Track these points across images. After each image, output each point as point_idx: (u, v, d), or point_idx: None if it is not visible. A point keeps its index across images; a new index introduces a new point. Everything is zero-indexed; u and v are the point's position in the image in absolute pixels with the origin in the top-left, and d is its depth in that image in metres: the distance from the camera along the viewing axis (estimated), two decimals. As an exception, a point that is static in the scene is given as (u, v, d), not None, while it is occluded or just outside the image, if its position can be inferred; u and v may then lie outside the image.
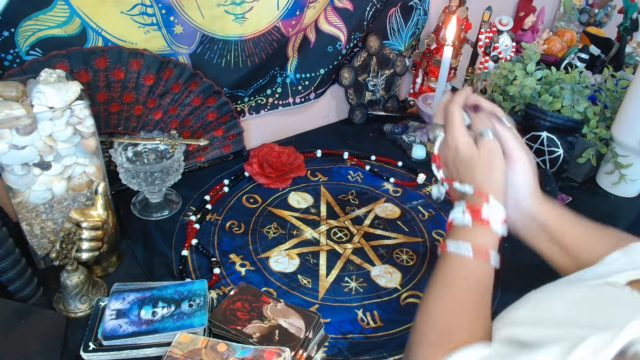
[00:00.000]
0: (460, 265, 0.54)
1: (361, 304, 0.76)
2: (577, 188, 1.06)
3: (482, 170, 0.58)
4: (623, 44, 1.30)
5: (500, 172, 0.59)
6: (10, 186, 0.69)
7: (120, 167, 0.82)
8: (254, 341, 0.64)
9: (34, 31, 0.73)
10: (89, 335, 0.65)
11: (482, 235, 0.56)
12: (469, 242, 0.55)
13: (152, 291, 0.69)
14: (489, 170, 0.58)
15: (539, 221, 0.61)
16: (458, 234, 0.57)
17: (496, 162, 0.58)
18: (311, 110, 1.20)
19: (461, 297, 0.52)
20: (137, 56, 0.81)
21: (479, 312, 0.51)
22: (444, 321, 0.51)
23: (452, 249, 0.55)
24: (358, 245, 0.87)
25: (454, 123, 0.61)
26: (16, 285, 0.68)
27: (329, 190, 1.00)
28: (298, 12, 0.96)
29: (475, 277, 0.54)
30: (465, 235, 0.56)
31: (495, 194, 0.57)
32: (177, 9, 0.83)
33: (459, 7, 1.18)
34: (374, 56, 1.18)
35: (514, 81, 1.08)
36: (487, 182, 0.58)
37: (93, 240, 0.70)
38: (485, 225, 0.56)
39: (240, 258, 0.82)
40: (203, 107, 0.95)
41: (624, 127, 0.97)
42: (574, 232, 0.61)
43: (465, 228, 0.57)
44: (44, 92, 0.65)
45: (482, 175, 0.58)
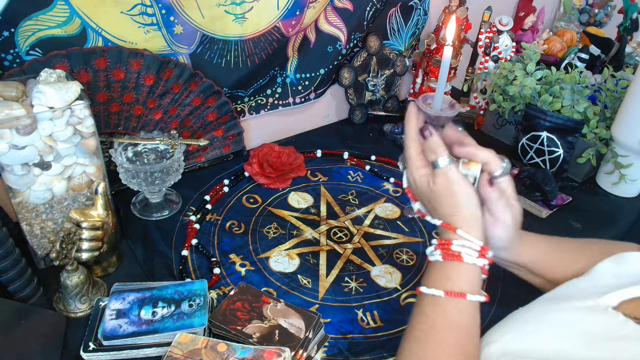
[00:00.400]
0: (435, 306, 0.51)
1: (361, 304, 0.76)
2: (577, 188, 1.06)
3: (443, 202, 0.55)
4: (623, 44, 1.30)
5: (465, 200, 0.54)
6: (10, 186, 0.69)
7: (120, 167, 0.82)
8: (254, 341, 0.64)
9: (34, 31, 0.73)
10: (89, 335, 0.65)
11: (456, 271, 0.52)
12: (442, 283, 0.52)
13: (152, 291, 0.69)
14: (450, 201, 0.54)
15: (519, 264, 0.61)
16: (432, 273, 0.54)
17: (457, 190, 0.54)
18: (311, 110, 1.20)
19: (438, 339, 0.49)
20: (137, 56, 0.82)
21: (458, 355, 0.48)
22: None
23: (425, 290, 0.52)
24: (358, 245, 0.87)
25: (409, 156, 0.58)
26: (16, 285, 0.68)
27: (329, 190, 1.00)
28: (298, 12, 0.96)
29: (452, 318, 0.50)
30: (438, 274, 0.53)
31: (464, 224, 0.53)
32: (177, 9, 0.83)
33: (459, 7, 1.18)
34: (374, 56, 1.18)
35: (514, 81, 1.08)
36: (452, 213, 0.54)
37: (93, 240, 0.70)
38: (457, 260, 0.52)
39: (240, 258, 0.82)
40: (203, 107, 0.95)
41: (624, 127, 0.97)
42: (555, 264, 0.60)
43: (438, 266, 0.53)
44: (44, 92, 0.65)
45: (445, 207, 0.55)
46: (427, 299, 0.52)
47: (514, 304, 0.54)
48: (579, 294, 0.50)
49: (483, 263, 0.53)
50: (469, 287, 0.51)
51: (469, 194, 0.54)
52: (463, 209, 0.54)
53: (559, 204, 0.98)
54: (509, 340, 0.47)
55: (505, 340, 0.48)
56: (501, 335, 0.49)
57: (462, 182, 0.54)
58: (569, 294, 0.51)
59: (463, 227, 0.53)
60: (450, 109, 1.24)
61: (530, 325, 0.48)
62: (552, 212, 0.96)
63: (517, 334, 0.48)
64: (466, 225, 0.53)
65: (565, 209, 0.99)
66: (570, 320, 0.46)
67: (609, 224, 0.97)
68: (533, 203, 0.97)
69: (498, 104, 1.13)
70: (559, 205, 0.98)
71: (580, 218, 0.97)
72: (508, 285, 0.79)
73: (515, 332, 0.48)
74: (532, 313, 0.50)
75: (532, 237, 0.62)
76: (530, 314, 0.50)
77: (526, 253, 0.60)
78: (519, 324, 0.49)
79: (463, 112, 1.29)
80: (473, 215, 0.54)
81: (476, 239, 0.53)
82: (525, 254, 0.60)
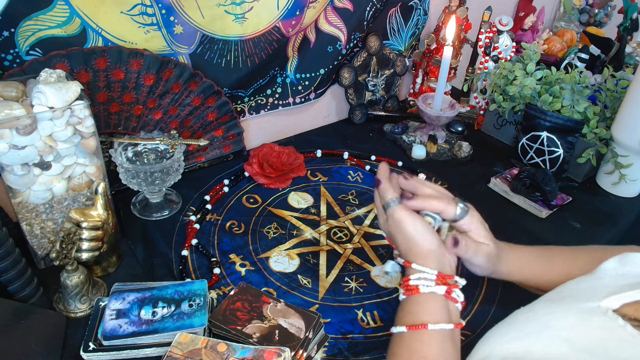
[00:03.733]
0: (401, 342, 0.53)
1: (361, 304, 0.76)
2: (577, 188, 1.06)
3: (399, 240, 0.59)
4: (623, 44, 1.30)
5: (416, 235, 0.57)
6: (10, 186, 0.69)
7: (120, 167, 0.82)
8: (254, 341, 0.64)
9: (34, 31, 0.73)
10: (89, 335, 0.65)
11: (416, 304, 0.54)
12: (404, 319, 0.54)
13: (152, 291, 0.69)
14: (403, 238, 0.58)
15: (506, 280, 0.63)
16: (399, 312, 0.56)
17: (405, 228, 0.58)
18: (311, 110, 1.20)
19: None
20: (137, 56, 0.82)
21: None
22: None
23: (393, 329, 0.55)
24: (358, 245, 0.87)
25: (376, 206, 0.64)
26: (16, 285, 0.68)
27: (329, 190, 1.00)
28: (298, 12, 0.96)
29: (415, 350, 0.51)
30: (403, 312, 0.55)
31: (417, 258, 0.56)
32: (177, 9, 0.83)
33: (459, 7, 1.18)
34: (374, 56, 1.18)
35: (514, 81, 1.08)
36: (407, 250, 0.58)
37: (93, 240, 0.70)
38: (416, 292, 0.55)
39: (240, 258, 0.82)
40: (203, 107, 0.95)
41: (624, 127, 0.97)
42: (548, 277, 0.61)
43: (403, 303, 0.56)
44: (44, 92, 0.65)
45: (401, 245, 0.59)
46: (395, 338, 0.54)
47: (514, 304, 0.54)
48: (581, 294, 0.50)
49: (443, 290, 0.55)
50: (430, 317, 0.53)
51: (417, 229, 0.57)
52: (414, 244, 0.57)
53: (559, 204, 0.98)
54: (509, 340, 0.47)
55: (505, 340, 0.48)
56: (501, 336, 0.49)
57: (408, 219, 0.58)
58: (571, 295, 0.51)
59: (417, 260, 0.56)
60: (450, 109, 1.24)
61: (530, 326, 0.48)
62: (552, 212, 0.96)
63: (517, 335, 0.48)
64: (420, 258, 0.56)
65: (565, 209, 0.99)
66: (569, 323, 0.46)
67: (609, 224, 0.97)
68: (533, 203, 0.97)
69: (498, 104, 1.13)
70: (559, 205, 0.98)
71: (580, 218, 0.97)
72: (508, 285, 0.79)
73: (515, 333, 0.48)
74: (533, 314, 0.50)
75: (519, 253, 0.63)
76: (530, 314, 0.50)
77: (516, 272, 0.62)
78: (518, 325, 0.49)
79: (463, 112, 1.29)
80: (427, 249, 0.57)
81: (430, 270, 0.55)
82: (515, 273, 0.62)
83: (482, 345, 0.49)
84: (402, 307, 0.56)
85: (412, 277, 0.56)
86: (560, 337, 0.44)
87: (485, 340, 0.49)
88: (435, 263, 0.56)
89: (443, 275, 0.55)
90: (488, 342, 0.48)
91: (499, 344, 0.47)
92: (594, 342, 0.43)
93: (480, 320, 0.74)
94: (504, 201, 1.01)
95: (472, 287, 0.80)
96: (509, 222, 0.95)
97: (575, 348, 0.42)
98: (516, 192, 0.99)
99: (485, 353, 0.47)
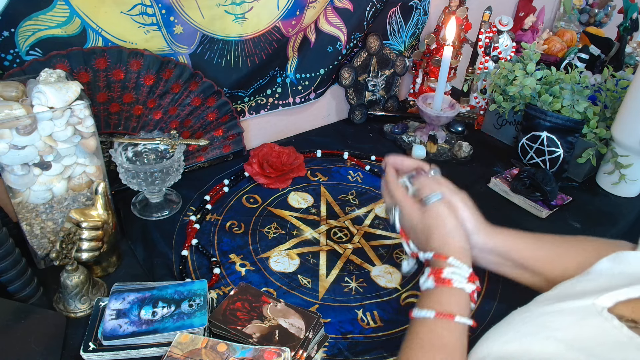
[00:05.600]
0: (425, 327, 0.54)
1: (361, 304, 0.76)
2: (577, 188, 1.06)
3: (434, 234, 0.60)
4: (623, 44, 1.30)
5: (454, 231, 0.60)
6: (10, 186, 0.69)
7: (120, 167, 0.82)
8: (254, 341, 0.64)
9: (34, 31, 0.73)
10: (89, 335, 0.65)
11: (446, 295, 0.56)
12: (432, 306, 0.55)
13: (152, 291, 0.69)
14: (441, 232, 0.60)
15: (497, 252, 0.64)
16: (424, 299, 0.57)
17: (447, 223, 0.61)
18: (311, 110, 1.20)
19: (427, 357, 0.51)
20: (137, 56, 0.82)
21: None
22: None
23: (416, 314, 0.56)
24: (358, 245, 0.87)
25: (399, 199, 0.66)
26: (16, 285, 0.68)
27: (329, 190, 1.00)
28: (298, 12, 0.96)
29: (440, 338, 0.53)
30: (429, 299, 0.56)
31: (454, 253, 0.58)
32: (177, 9, 0.83)
33: (459, 7, 1.18)
34: (374, 56, 1.18)
35: (514, 81, 1.08)
36: (443, 243, 0.59)
37: (93, 240, 0.70)
38: (447, 285, 0.56)
39: (240, 258, 0.82)
40: (203, 107, 0.95)
41: (624, 127, 0.97)
42: (535, 254, 0.62)
43: (430, 292, 0.57)
44: (44, 92, 0.65)
45: (436, 239, 0.60)
46: (418, 322, 0.55)
47: (513, 304, 0.54)
48: (577, 294, 0.50)
49: (472, 288, 0.57)
50: (457, 309, 0.54)
51: (457, 227, 0.61)
52: (453, 240, 0.60)
53: (559, 204, 0.98)
54: (507, 341, 0.47)
55: (502, 341, 0.48)
56: (499, 336, 0.49)
57: (451, 217, 0.61)
58: (567, 294, 0.51)
59: (454, 255, 0.58)
60: (450, 109, 1.24)
61: (526, 327, 0.48)
62: (552, 212, 0.96)
63: (514, 335, 0.48)
64: (456, 253, 0.58)
65: (565, 209, 0.99)
66: (565, 323, 0.46)
67: (609, 224, 0.97)
68: (533, 203, 0.97)
69: (498, 104, 1.13)
70: (559, 205, 0.98)
71: (580, 218, 0.97)
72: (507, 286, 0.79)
73: (512, 334, 0.48)
74: (529, 314, 0.50)
75: (509, 230, 0.65)
76: (527, 314, 0.50)
77: (504, 242, 0.63)
78: (515, 325, 0.49)
79: (463, 112, 1.29)
80: (462, 246, 0.60)
81: (466, 266, 0.57)
82: (503, 242, 0.63)
83: (480, 346, 0.49)
84: (428, 295, 0.57)
85: (446, 270, 0.57)
86: (555, 338, 0.44)
87: (484, 341, 0.49)
88: (468, 261, 0.59)
89: (473, 275, 0.57)
90: (486, 343, 0.49)
91: (496, 344, 0.48)
92: (590, 343, 0.43)
93: (480, 319, 0.74)
94: (504, 201, 1.01)
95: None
96: (509, 222, 0.94)
97: (571, 348, 0.43)
98: (516, 192, 0.99)
99: (484, 353, 0.47)
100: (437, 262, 0.59)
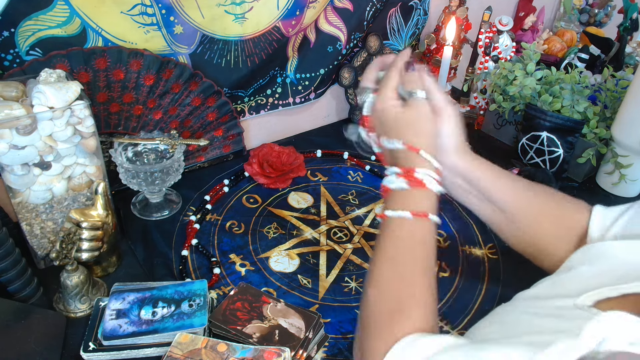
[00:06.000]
0: (402, 226, 0.53)
1: (361, 304, 0.76)
2: (577, 188, 1.06)
3: (410, 127, 0.58)
4: (623, 44, 1.29)
5: (430, 131, 0.59)
6: (10, 186, 0.69)
7: (120, 167, 0.82)
8: (254, 341, 0.64)
9: (34, 31, 0.73)
10: (89, 335, 0.65)
11: (419, 197, 0.55)
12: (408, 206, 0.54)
13: (152, 291, 0.69)
14: (417, 128, 0.58)
15: (465, 178, 0.62)
16: (395, 199, 0.56)
17: (425, 121, 0.59)
18: (311, 110, 1.20)
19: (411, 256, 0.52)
20: (137, 56, 0.81)
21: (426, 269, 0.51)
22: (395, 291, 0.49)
23: (391, 214, 0.54)
24: (358, 245, 0.87)
25: (387, 86, 0.61)
26: (16, 285, 0.68)
27: (329, 190, 1.00)
28: (298, 12, 0.96)
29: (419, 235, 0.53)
30: (403, 200, 0.55)
31: (425, 147, 0.57)
32: (177, 9, 0.83)
33: (459, 7, 1.18)
34: (374, 56, 1.18)
35: (514, 81, 1.08)
36: (416, 138, 0.57)
37: (93, 240, 0.70)
38: (420, 187, 0.55)
39: (240, 258, 0.82)
40: (203, 107, 0.95)
41: (624, 127, 0.97)
42: (503, 188, 0.62)
43: (400, 192, 0.56)
44: (44, 92, 0.65)
45: (411, 132, 0.58)
46: (394, 222, 0.54)
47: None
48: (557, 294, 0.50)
49: (439, 190, 0.56)
50: (430, 210, 0.55)
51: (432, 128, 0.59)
52: (426, 137, 0.58)
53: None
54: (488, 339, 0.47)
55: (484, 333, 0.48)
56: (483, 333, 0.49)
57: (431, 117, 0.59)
58: (547, 294, 0.51)
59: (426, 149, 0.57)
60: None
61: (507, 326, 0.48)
62: (552, 212, 0.96)
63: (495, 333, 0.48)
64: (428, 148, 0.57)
65: (565, 209, 0.98)
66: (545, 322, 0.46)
67: (609, 224, 0.97)
68: (533, 203, 0.97)
69: (498, 104, 1.13)
70: (559, 205, 0.98)
71: (580, 218, 0.97)
72: (506, 286, 0.80)
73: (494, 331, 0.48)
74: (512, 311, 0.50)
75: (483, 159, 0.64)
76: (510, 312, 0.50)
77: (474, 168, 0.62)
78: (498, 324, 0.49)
79: (463, 112, 1.29)
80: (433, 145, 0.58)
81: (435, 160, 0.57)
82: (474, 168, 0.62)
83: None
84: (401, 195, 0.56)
85: (418, 170, 0.55)
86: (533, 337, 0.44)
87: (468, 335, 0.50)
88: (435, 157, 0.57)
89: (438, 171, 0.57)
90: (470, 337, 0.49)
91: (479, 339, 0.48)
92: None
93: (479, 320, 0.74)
94: (504, 201, 1.01)
95: (472, 287, 0.80)
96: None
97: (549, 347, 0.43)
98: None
99: None
100: (407, 155, 0.57)
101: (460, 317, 0.74)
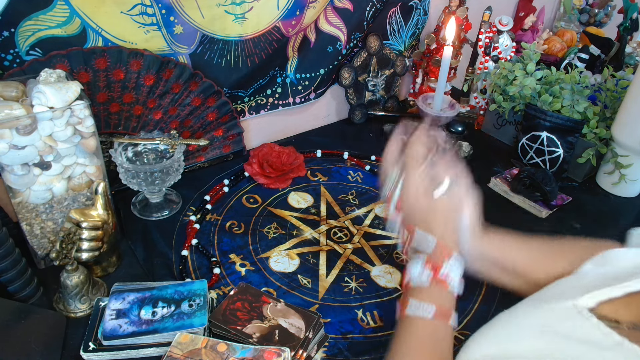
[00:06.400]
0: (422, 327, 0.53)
1: (361, 304, 0.76)
2: (577, 188, 1.06)
3: (440, 223, 0.57)
4: (623, 44, 1.30)
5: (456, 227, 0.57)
6: (10, 186, 0.69)
7: (120, 167, 0.82)
8: (254, 341, 0.64)
9: (34, 31, 0.73)
10: (89, 335, 0.65)
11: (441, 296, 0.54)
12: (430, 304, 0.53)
13: (152, 291, 0.69)
14: (446, 224, 0.57)
15: (483, 256, 0.61)
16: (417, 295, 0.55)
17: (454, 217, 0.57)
18: (311, 110, 1.20)
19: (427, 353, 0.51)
20: (137, 56, 0.81)
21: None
22: None
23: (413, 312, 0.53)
24: (358, 245, 0.87)
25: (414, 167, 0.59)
26: (16, 285, 0.68)
27: (329, 190, 1.00)
28: (298, 12, 0.96)
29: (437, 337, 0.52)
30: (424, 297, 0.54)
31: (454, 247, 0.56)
32: (177, 9, 0.83)
33: (459, 7, 1.18)
34: (374, 56, 1.18)
35: (514, 81, 1.08)
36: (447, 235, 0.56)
37: (93, 240, 0.70)
38: (443, 285, 0.54)
39: (240, 258, 0.82)
40: (203, 107, 0.95)
41: (624, 127, 0.97)
42: (520, 256, 0.60)
43: (423, 289, 0.54)
44: (44, 92, 0.65)
45: (441, 229, 0.56)
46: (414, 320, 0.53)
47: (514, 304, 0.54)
48: (559, 295, 0.50)
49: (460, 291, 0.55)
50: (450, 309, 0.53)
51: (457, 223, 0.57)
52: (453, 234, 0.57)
53: (559, 204, 0.98)
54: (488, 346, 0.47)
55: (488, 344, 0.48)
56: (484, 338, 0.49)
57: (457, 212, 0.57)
58: (550, 295, 0.51)
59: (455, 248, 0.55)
60: (450, 109, 1.24)
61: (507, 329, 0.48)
62: (552, 212, 0.96)
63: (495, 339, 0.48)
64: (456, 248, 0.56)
65: (565, 209, 0.99)
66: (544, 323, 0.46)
67: (609, 224, 0.97)
68: (533, 203, 0.97)
69: (498, 104, 1.13)
70: (559, 205, 0.98)
71: (580, 218, 0.97)
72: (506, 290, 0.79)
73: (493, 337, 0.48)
74: (514, 317, 0.50)
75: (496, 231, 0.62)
76: (512, 316, 0.50)
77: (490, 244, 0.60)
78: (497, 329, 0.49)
79: (463, 112, 1.29)
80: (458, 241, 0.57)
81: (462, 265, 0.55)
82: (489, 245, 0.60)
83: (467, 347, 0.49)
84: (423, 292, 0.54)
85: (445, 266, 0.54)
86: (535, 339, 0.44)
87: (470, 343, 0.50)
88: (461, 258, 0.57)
89: None
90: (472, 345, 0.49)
91: (477, 349, 0.47)
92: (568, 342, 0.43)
93: (480, 320, 0.74)
94: (504, 201, 1.01)
95: (472, 287, 0.79)
96: (509, 222, 0.94)
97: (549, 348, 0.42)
98: (516, 192, 0.99)
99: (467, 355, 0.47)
100: (438, 254, 0.55)
101: (460, 317, 0.74)
